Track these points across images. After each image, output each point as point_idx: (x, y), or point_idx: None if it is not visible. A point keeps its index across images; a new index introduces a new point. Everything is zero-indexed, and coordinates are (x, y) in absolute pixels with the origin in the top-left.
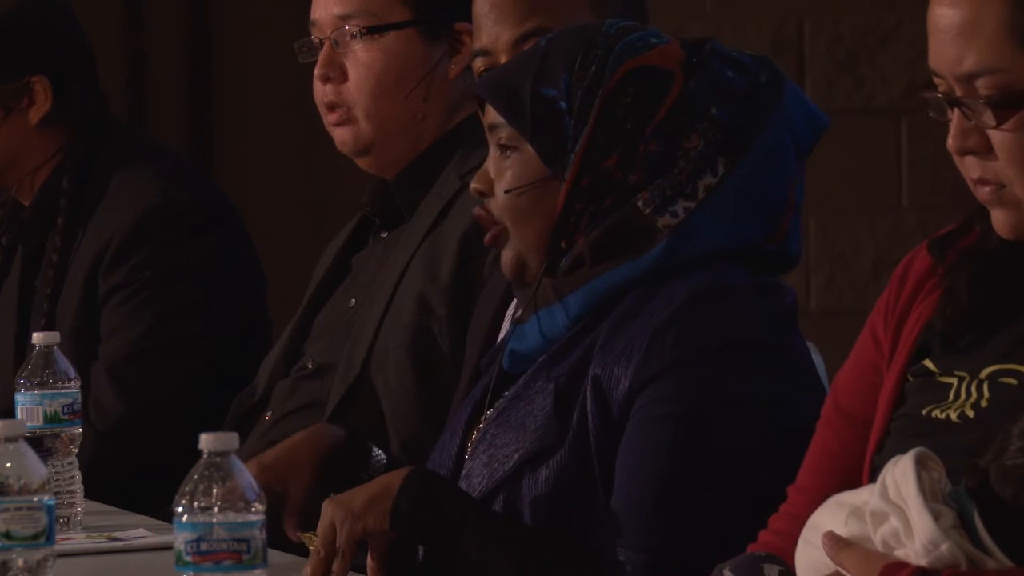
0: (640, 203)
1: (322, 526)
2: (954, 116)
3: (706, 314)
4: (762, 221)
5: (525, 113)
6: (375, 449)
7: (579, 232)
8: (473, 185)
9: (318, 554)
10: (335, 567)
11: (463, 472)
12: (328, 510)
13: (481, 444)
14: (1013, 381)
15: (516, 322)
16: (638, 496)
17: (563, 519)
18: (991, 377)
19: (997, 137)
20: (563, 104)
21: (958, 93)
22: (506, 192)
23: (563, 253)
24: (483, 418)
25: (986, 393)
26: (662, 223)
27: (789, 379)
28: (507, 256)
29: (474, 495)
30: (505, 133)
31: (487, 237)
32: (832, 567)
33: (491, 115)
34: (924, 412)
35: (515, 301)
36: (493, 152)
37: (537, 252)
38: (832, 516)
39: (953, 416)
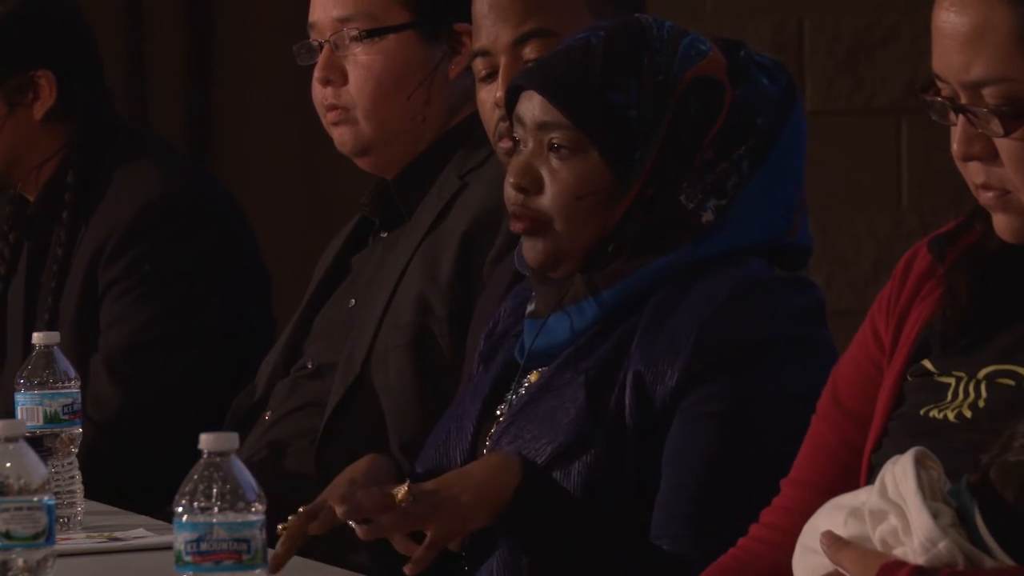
0: (683, 197)
1: (436, 508)
2: (959, 122)
3: (750, 309)
4: (783, 217)
5: (596, 121)
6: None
7: (629, 239)
8: (515, 180)
9: (406, 516)
10: (422, 552)
11: None
12: (447, 509)
13: (505, 436)
14: (1011, 382)
15: (531, 316)
16: (689, 489)
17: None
18: (989, 378)
19: (1004, 145)
20: (633, 112)
21: (963, 100)
22: (578, 199)
23: (606, 255)
24: (500, 409)
25: (984, 393)
26: (704, 219)
27: (827, 372)
28: (541, 248)
29: None
30: (561, 134)
31: (519, 226)
32: (832, 568)
33: (542, 112)
34: (922, 412)
35: (513, 295)
36: (537, 149)
37: (581, 253)
38: (831, 519)
39: (951, 416)
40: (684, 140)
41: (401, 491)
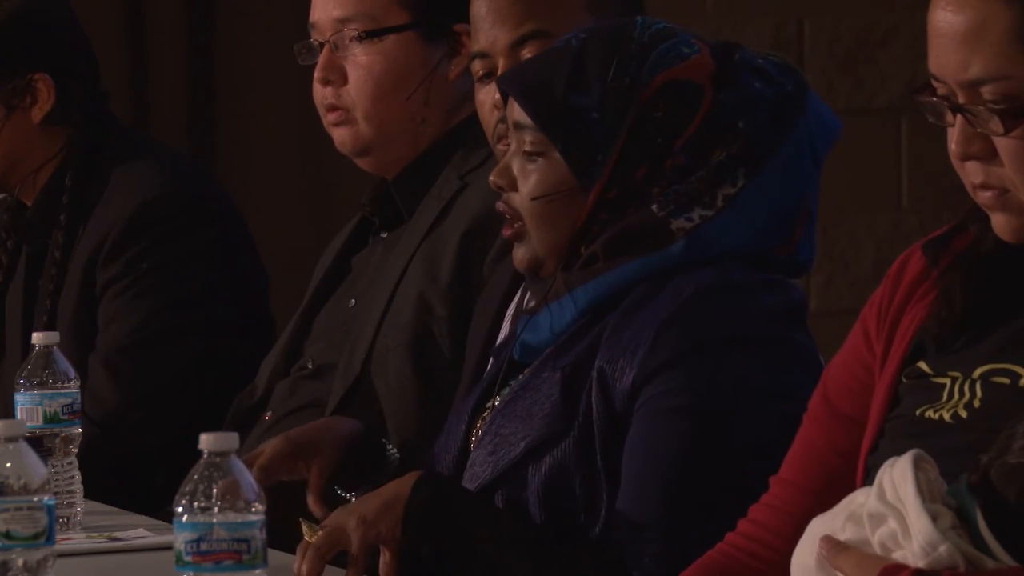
0: (654, 206)
1: (333, 529)
2: (957, 122)
3: (713, 307)
4: (776, 230)
5: (557, 123)
6: (389, 445)
7: (598, 240)
8: (493, 179)
9: (319, 550)
10: (348, 573)
11: (468, 462)
12: (340, 516)
13: (487, 435)
14: (1006, 380)
15: (526, 312)
16: (652, 488)
17: (565, 509)
18: (984, 377)
19: (1003, 143)
20: (595, 115)
21: (961, 99)
22: (533, 200)
23: (580, 257)
24: (487, 407)
25: (979, 393)
26: (676, 226)
27: (797, 372)
28: (523, 253)
29: (477, 483)
30: (531, 137)
31: (507, 231)
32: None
33: (518, 114)
34: (917, 413)
35: (518, 295)
36: (517, 150)
37: (555, 255)
38: (828, 528)
39: (946, 416)
40: (651, 144)
41: (310, 529)
